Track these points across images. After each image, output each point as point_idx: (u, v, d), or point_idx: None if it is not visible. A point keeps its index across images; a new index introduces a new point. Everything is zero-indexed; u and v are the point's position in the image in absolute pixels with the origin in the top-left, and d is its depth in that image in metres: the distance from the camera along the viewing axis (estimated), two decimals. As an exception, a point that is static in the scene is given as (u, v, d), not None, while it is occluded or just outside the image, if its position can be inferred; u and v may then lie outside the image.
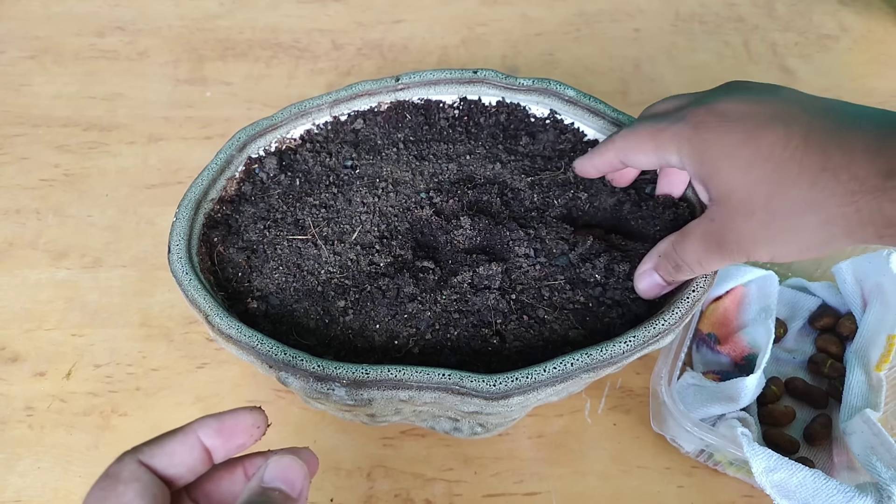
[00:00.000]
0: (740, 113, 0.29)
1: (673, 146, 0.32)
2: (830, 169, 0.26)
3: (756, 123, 0.29)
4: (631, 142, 0.34)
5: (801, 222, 0.28)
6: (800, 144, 0.27)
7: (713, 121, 0.30)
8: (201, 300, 0.35)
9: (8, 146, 0.58)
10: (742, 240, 0.30)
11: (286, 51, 0.67)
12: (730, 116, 0.30)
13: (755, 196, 0.29)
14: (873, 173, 0.25)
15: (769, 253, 0.30)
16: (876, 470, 0.37)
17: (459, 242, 0.39)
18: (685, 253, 0.33)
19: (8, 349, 0.47)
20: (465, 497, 0.41)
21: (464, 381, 0.32)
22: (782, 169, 0.28)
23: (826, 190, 0.27)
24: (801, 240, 0.28)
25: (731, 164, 0.29)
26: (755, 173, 0.28)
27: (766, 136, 0.28)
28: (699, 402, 0.41)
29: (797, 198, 0.27)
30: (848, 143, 0.26)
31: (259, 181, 0.43)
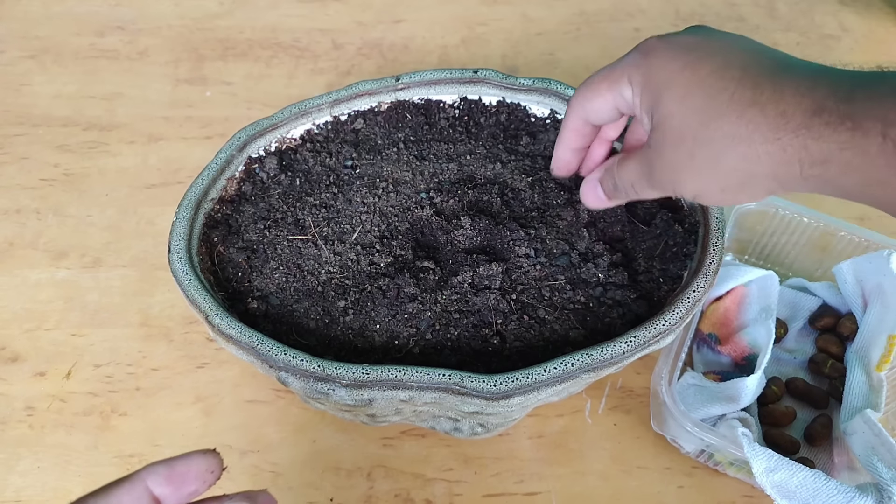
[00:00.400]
0: (688, 43, 0.30)
1: (625, 78, 0.32)
2: (760, 104, 0.26)
3: (699, 54, 0.29)
4: (585, 92, 0.34)
5: (726, 155, 0.28)
6: (735, 76, 0.28)
7: (662, 47, 0.30)
8: (201, 300, 0.35)
9: (8, 146, 0.58)
10: (670, 169, 0.30)
11: (286, 51, 0.67)
12: (677, 44, 0.30)
13: (687, 124, 0.29)
14: (801, 111, 0.25)
15: (694, 186, 0.30)
16: (876, 470, 0.37)
17: (460, 242, 0.39)
18: (623, 173, 0.34)
19: (8, 349, 0.47)
20: (465, 497, 0.41)
21: (464, 381, 0.32)
22: (715, 98, 0.28)
23: (752, 124, 0.27)
24: (724, 174, 0.28)
25: (670, 89, 0.29)
26: (690, 101, 0.28)
27: (704, 65, 0.28)
28: (700, 402, 0.41)
29: (724, 129, 0.27)
30: (780, 81, 0.27)
31: (259, 181, 0.43)
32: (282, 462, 0.42)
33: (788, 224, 0.48)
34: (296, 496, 0.41)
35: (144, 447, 0.43)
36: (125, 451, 0.43)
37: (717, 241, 0.38)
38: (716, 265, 0.37)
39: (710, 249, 0.38)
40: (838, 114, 0.25)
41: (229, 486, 0.41)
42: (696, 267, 0.37)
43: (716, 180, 0.29)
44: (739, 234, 0.50)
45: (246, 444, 0.43)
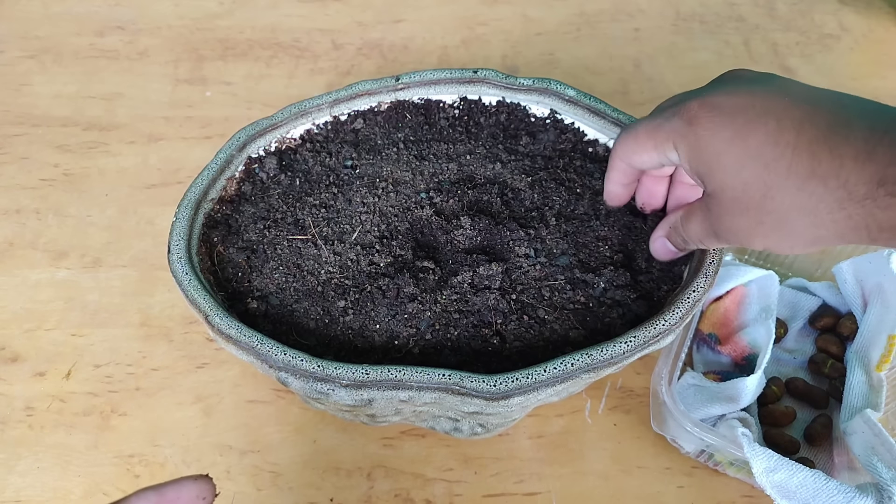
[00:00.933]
0: (732, 106, 0.29)
1: (670, 143, 0.32)
2: (819, 175, 0.26)
3: (747, 118, 0.28)
4: (630, 144, 0.34)
5: (793, 224, 0.28)
6: (790, 143, 0.27)
7: (705, 115, 0.30)
8: (201, 300, 0.35)
9: (8, 146, 0.58)
10: (737, 232, 0.31)
11: (286, 51, 0.67)
12: (722, 110, 0.29)
13: (748, 195, 0.29)
14: (863, 181, 0.25)
15: (763, 245, 0.30)
16: (877, 470, 0.37)
17: (459, 242, 0.39)
18: (689, 232, 0.34)
19: (8, 349, 0.47)
20: (465, 497, 0.41)
21: (464, 381, 0.32)
22: (772, 169, 0.28)
23: (815, 196, 0.27)
24: (793, 238, 0.29)
25: (723, 161, 0.29)
26: (746, 172, 0.28)
27: (756, 133, 0.28)
28: (699, 402, 0.41)
29: (787, 201, 0.28)
30: (838, 148, 0.26)
31: (259, 181, 0.43)
32: (282, 462, 0.42)
33: (788, 224, 0.48)
34: (296, 496, 0.41)
35: (144, 447, 0.43)
36: (125, 451, 0.43)
37: (717, 241, 0.38)
38: (716, 265, 0.37)
39: (711, 249, 0.38)
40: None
41: (229, 486, 0.41)
42: (696, 267, 0.37)
43: (786, 241, 0.29)
44: (739, 233, 0.50)
45: (246, 444, 0.43)
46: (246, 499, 0.41)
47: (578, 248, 0.39)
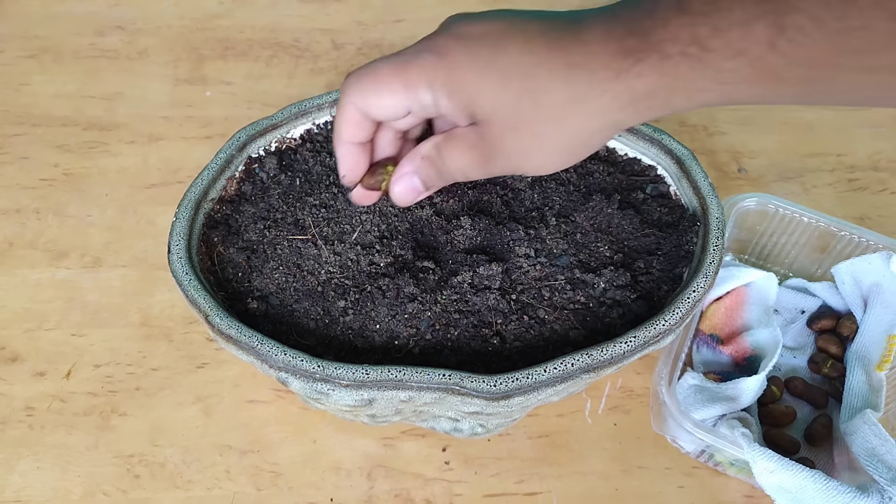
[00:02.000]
0: (480, 32, 0.29)
1: (422, 81, 0.29)
2: (577, 64, 0.27)
3: (496, 39, 0.28)
4: (370, 84, 0.30)
5: (568, 122, 0.28)
6: (542, 46, 0.27)
7: (456, 45, 0.29)
8: (201, 300, 0.35)
9: (8, 146, 0.58)
10: (513, 154, 0.30)
11: (286, 50, 0.67)
12: (471, 37, 0.29)
13: (519, 110, 0.28)
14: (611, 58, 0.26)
15: (538, 161, 0.30)
16: (877, 470, 0.37)
17: (460, 242, 0.39)
18: (449, 162, 0.31)
19: (8, 349, 0.47)
20: (465, 497, 0.41)
21: (464, 381, 0.32)
22: (534, 76, 0.28)
23: (580, 85, 0.27)
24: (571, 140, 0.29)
25: (486, 84, 0.28)
26: (512, 87, 0.28)
27: (509, 49, 0.28)
28: (700, 402, 0.41)
29: (558, 101, 0.27)
30: (582, 36, 0.27)
31: (259, 181, 0.43)
32: (282, 462, 0.42)
33: (788, 224, 0.48)
34: (296, 496, 0.41)
35: (144, 447, 0.43)
36: (125, 451, 0.43)
37: (717, 241, 0.38)
38: (716, 265, 0.37)
39: (710, 249, 0.38)
40: (643, 49, 0.26)
41: (229, 486, 0.41)
42: (696, 267, 0.37)
43: (563, 148, 0.29)
44: (739, 234, 0.50)
45: (246, 444, 0.43)
46: (246, 499, 0.41)
47: (578, 248, 0.39)
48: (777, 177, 0.59)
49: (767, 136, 0.62)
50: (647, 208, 0.42)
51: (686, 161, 0.42)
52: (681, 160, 0.42)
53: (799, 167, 0.60)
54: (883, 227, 0.55)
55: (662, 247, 0.40)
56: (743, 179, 0.59)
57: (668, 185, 0.43)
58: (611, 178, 0.43)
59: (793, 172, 0.59)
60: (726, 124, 0.63)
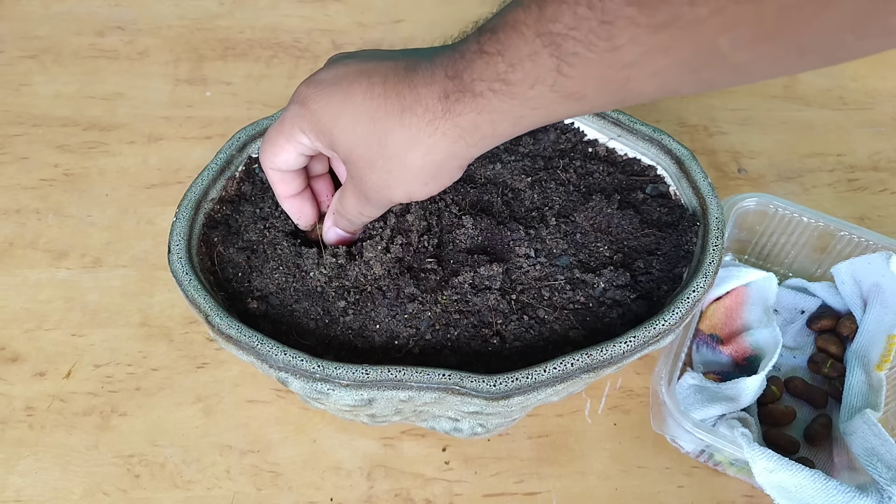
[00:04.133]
0: (333, 77, 0.32)
1: (296, 129, 0.34)
2: (408, 108, 0.30)
3: (348, 83, 0.32)
4: (269, 148, 0.35)
5: (411, 159, 0.31)
6: (381, 93, 0.31)
7: (314, 92, 0.32)
8: (201, 300, 0.35)
9: (8, 146, 0.58)
10: (378, 189, 0.33)
11: (286, 51, 0.67)
12: (326, 82, 0.32)
13: (369, 149, 0.31)
14: (436, 98, 0.29)
15: (403, 192, 0.33)
16: (876, 470, 0.37)
17: (461, 242, 0.39)
18: (347, 208, 0.36)
19: (8, 349, 0.47)
20: (465, 497, 0.41)
21: (464, 381, 0.32)
22: (376, 119, 0.31)
23: (413, 126, 0.30)
24: (418, 174, 0.32)
25: (340, 126, 0.32)
26: (360, 128, 0.31)
27: (356, 93, 0.31)
28: (699, 402, 0.41)
29: (397, 140, 0.31)
30: (412, 81, 0.30)
31: (259, 181, 0.43)
32: (282, 462, 0.42)
33: (788, 224, 0.48)
34: (296, 496, 0.41)
35: (144, 447, 0.43)
36: (125, 451, 0.43)
37: (717, 241, 0.38)
38: (716, 265, 0.37)
39: (710, 249, 0.38)
40: (459, 90, 0.28)
41: (230, 486, 0.41)
42: (696, 267, 0.37)
43: (415, 180, 0.32)
44: (739, 234, 0.50)
45: (246, 444, 0.43)
46: (246, 499, 0.41)
47: (578, 249, 0.39)
48: (777, 177, 0.59)
49: (767, 136, 0.62)
50: (647, 208, 0.42)
51: (686, 161, 0.42)
52: (680, 160, 0.43)
53: (799, 167, 0.60)
54: (883, 227, 0.55)
55: (662, 247, 0.40)
56: (743, 179, 0.59)
57: (668, 185, 0.43)
58: (611, 178, 0.43)
59: (793, 172, 0.59)
60: (726, 124, 0.63)
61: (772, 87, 0.66)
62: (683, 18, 0.22)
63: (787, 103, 0.65)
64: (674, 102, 0.65)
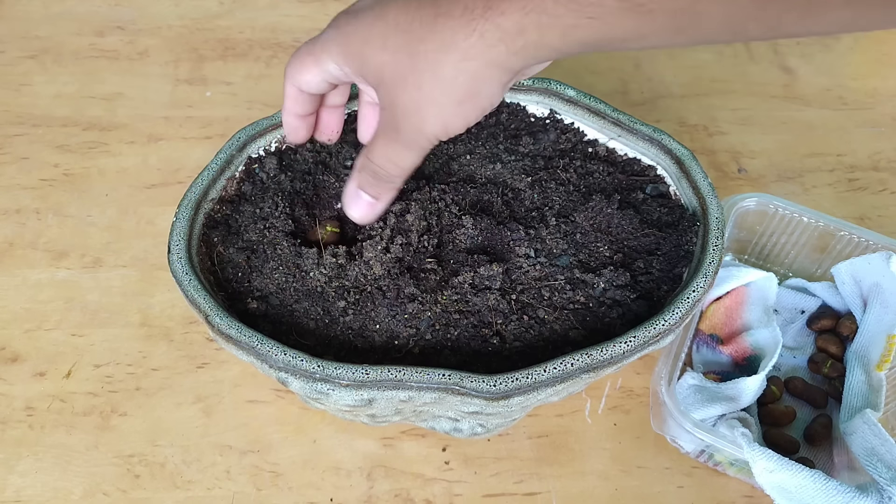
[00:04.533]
0: (367, 3, 0.32)
1: (326, 54, 0.33)
2: (444, 12, 0.28)
3: (381, 6, 0.31)
4: (296, 65, 0.34)
5: (444, 68, 0.29)
6: (416, 6, 0.29)
7: (348, 18, 0.32)
8: (201, 300, 0.35)
9: (8, 146, 0.58)
10: (409, 113, 0.31)
11: (286, 51, 0.67)
12: (361, 9, 0.32)
13: (399, 64, 0.30)
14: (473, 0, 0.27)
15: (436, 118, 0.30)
16: (876, 470, 0.37)
17: (461, 242, 0.39)
18: (375, 155, 0.33)
19: (8, 349, 0.47)
20: (465, 497, 0.41)
21: (464, 381, 0.32)
22: (409, 31, 0.29)
23: (447, 30, 0.28)
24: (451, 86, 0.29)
25: (371, 46, 0.31)
26: (390, 43, 0.30)
27: (389, 13, 0.30)
28: (699, 402, 0.41)
29: (430, 49, 0.29)
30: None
31: (259, 181, 0.43)
32: (282, 462, 0.43)
33: (788, 224, 0.48)
34: (296, 496, 0.41)
35: (144, 447, 0.43)
36: (125, 451, 0.43)
37: (717, 241, 0.38)
38: (716, 265, 0.37)
39: (710, 249, 0.38)
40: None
41: (230, 486, 0.41)
42: (696, 267, 0.37)
43: (449, 97, 0.30)
44: (739, 234, 0.50)
45: (246, 444, 0.43)
46: (246, 499, 0.41)
47: (578, 249, 0.39)
48: (777, 177, 0.59)
49: (767, 136, 0.62)
50: (647, 208, 0.42)
51: (686, 161, 0.42)
52: (680, 160, 0.43)
53: (799, 167, 0.60)
54: (883, 227, 0.55)
55: (662, 247, 0.40)
56: (743, 179, 0.59)
57: (668, 185, 0.43)
58: (611, 178, 0.43)
59: (793, 172, 0.59)
60: (726, 124, 0.63)
61: (772, 87, 0.66)
62: None
63: (787, 103, 0.65)
64: (674, 102, 0.65)
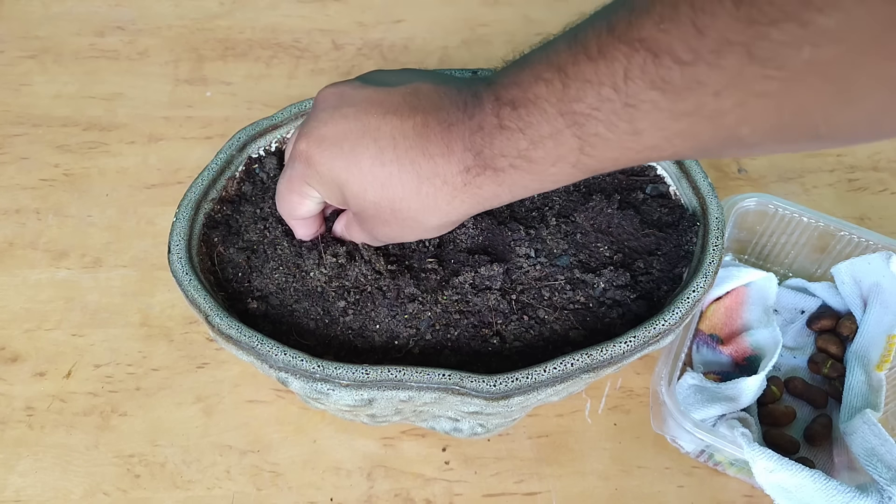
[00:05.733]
0: (335, 135, 0.31)
1: (305, 187, 0.34)
2: (425, 179, 0.30)
3: (351, 144, 0.31)
4: (284, 205, 0.36)
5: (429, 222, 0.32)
6: (392, 159, 0.30)
7: (317, 152, 0.32)
8: (201, 300, 0.35)
9: (8, 146, 0.58)
10: (390, 237, 0.35)
11: (286, 51, 0.67)
12: (327, 140, 0.32)
13: (382, 211, 0.32)
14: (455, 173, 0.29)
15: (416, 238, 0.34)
16: (876, 470, 0.37)
17: (462, 242, 0.39)
18: (354, 236, 0.37)
19: (8, 349, 0.47)
20: (465, 497, 0.41)
21: (464, 381, 0.32)
22: (388, 186, 0.31)
23: (430, 196, 0.30)
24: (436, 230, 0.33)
25: (349, 189, 0.32)
26: (370, 195, 0.31)
27: (363, 159, 0.31)
28: (699, 402, 0.41)
29: (413, 206, 0.31)
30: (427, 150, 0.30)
31: (259, 181, 0.43)
32: (282, 462, 0.42)
33: (788, 224, 0.48)
34: (296, 496, 0.41)
35: (144, 447, 0.43)
36: (125, 451, 0.43)
37: (717, 241, 0.38)
38: (716, 265, 0.37)
39: (710, 249, 0.38)
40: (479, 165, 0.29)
41: (230, 486, 0.41)
42: (696, 267, 0.37)
43: (430, 233, 0.34)
44: (739, 234, 0.50)
45: (246, 444, 0.43)
46: (246, 499, 0.41)
47: (578, 249, 0.39)
48: (777, 177, 0.59)
49: (767, 137, 0.62)
50: (647, 208, 0.42)
51: (686, 161, 0.42)
52: (680, 160, 0.43)
53: (799, 167, 0.60)
54: (883, 227, 0.55)
55: (662, 247, 0.40)
56: (743, 179, 0.59)
57: (668, 186, 0.43)
58: (611, 178, 0.43)
59: (793, 172, 0.59)
60: (726, 124, 0.63)
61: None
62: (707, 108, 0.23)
63: (787, 103, 0.65)
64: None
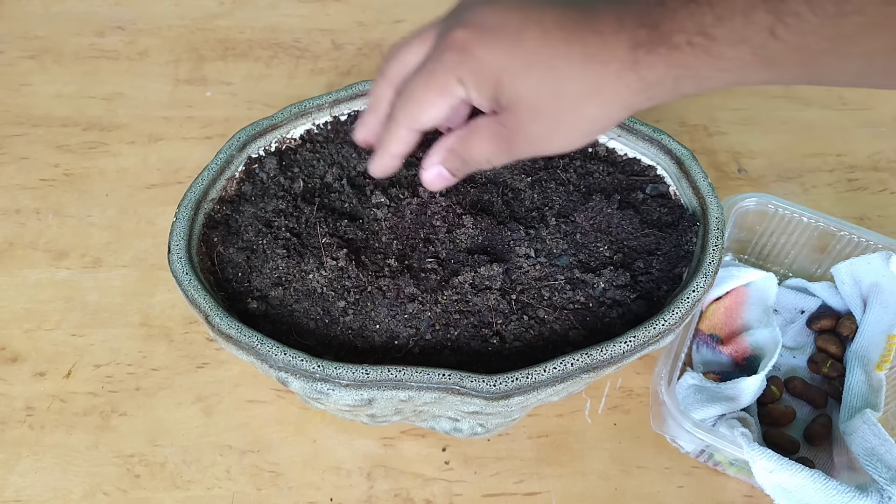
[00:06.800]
0: (496, 22, 0.30)
1: (453, 80, 0.30)
2: (593, 56, 0.28)
3: (514, 29, 0.29)
4: (413, 107, 0.32)
5: (586, 110, 0.29)
6: (560, 38, 0.28)
7: (476, 38, 0.30)
8: (201, 300, 0.35)
9: (8, 146, 0.58)
10: (535, 139, 0.31)
11: (286, 51, 0.67)
12: (488, 27, 0.30)
13: (540, 99, 0.29)
14: (625, 48, 0.27)
15: (560, 144, 0.31)
16: (876, 470, 0.37)
17: (461, 242, 0.39)
18: (473, 152, 0.33)
19: (8, 349, 0.47)
20: (465, 497, 0.41)
21: (464, 381, 0.32)
22: (553, 66, 0.29)
23: (596, 75, 0.28)
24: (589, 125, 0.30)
25: (509, 74, 0.29)
26: (533, 76, 0.29)
27: (527, 40, 0.29)
28: (699, 402, 0.41)
29: (576, 89, 0.29)
30: (597, 27, 0.28)
31: (259, 181, 0.43)
32: (282, 462, 0.42)
33: (788, 224, 0.48)
34: (296, 496, 0.41)
35: (144, 447, 0.43)
36: (125, 451, 0.43)
37: (716, 241, 0.38)
38: (716, 265, 0.37)
39: (710, 249, 0.38)
40: (653, 41, 0.27)
41: (229, 486, 0.41)
42: (696, 267, 0.37)
43: (581, 132, 0.31)
44: (739, 234, 0.50)
45: (246, 444, 0.43)
46: (246, 499, 0.41)
47: (578, 249, 0.39)
48: (777, 177, 0.59)
49: (767, 136, 0.62)
50: (647, 208, 0.42)
51: (686, 161, 0.42)
52: (680, 160, 0.43)
53: (799, 167, 0.60)
54: (883, 227, 0.55)
55: (662, 247, 0.40)
56: (743, 179, 0.59)
57: (668, 185, 0.43)
58: (611, 178, 0.44)
59: (792, 172, 0.59)
60: (726, 124, 0.63)
61: (772, 88, 0.66)
62: None
63: (787, 103, 0.65)
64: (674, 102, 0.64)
